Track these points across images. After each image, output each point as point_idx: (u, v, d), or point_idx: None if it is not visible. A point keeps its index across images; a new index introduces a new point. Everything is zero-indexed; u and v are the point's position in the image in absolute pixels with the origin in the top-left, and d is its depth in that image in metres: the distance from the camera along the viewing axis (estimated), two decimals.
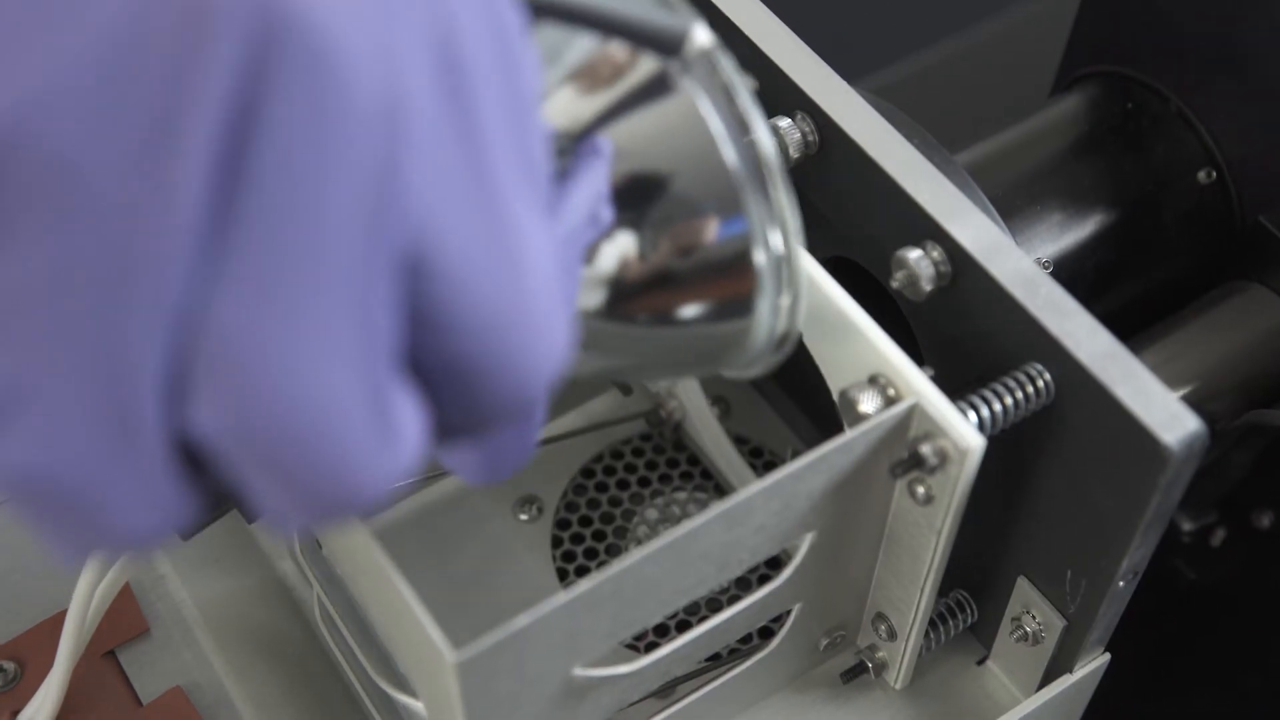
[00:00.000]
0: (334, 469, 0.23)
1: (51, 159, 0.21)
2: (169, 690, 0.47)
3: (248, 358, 0.22)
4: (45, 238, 0.21)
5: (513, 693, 0.36)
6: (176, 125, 0.21)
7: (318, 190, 0.22)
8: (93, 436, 0.22)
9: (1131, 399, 0.37)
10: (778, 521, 0.38)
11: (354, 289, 0.23)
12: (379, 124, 0.22)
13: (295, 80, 0.21)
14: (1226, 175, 0.56)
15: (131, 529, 0.24)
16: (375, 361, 0.23)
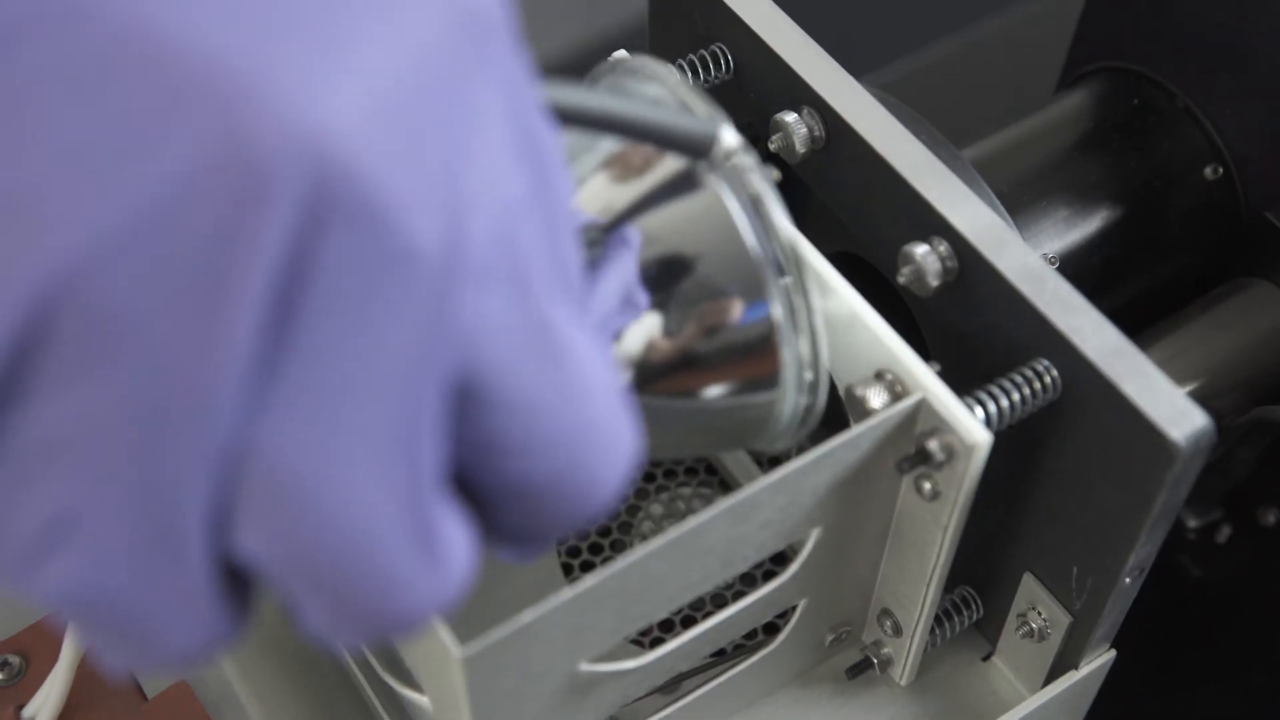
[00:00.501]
0: (380, 594, 0.24)
1: (105, 309, 0.21)
2: (174, 685, 0.48)
3: (293, 488, 0.23)
4: (98, 380, 0.22)
5: (518, 688, 0.36)
6: (229, 276, 0.21)
7: (366, 333, 0.22)
8: (139, 562, 0.23)
9: (1139, 395, 0.37)
10: (783, 517, 0.38)
11: (400, 422, 0.23)
12: (428, 271, 0.23)
13: (347, 232, 0.22)
14: (1233, 171, 0.56)
15: (178, 648, 0.24)
16: (419, 490, 0.24)
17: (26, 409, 0.22)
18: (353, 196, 0.22)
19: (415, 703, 0.43)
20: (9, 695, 0.47)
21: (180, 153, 0.21)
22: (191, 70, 0.21)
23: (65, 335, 0.22)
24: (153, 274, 0.21)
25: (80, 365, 0.22)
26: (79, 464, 0.22)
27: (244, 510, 0.23)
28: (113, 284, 0.21)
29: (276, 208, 0.21)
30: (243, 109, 0.21)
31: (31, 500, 0.23)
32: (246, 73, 0.21)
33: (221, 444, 0.23)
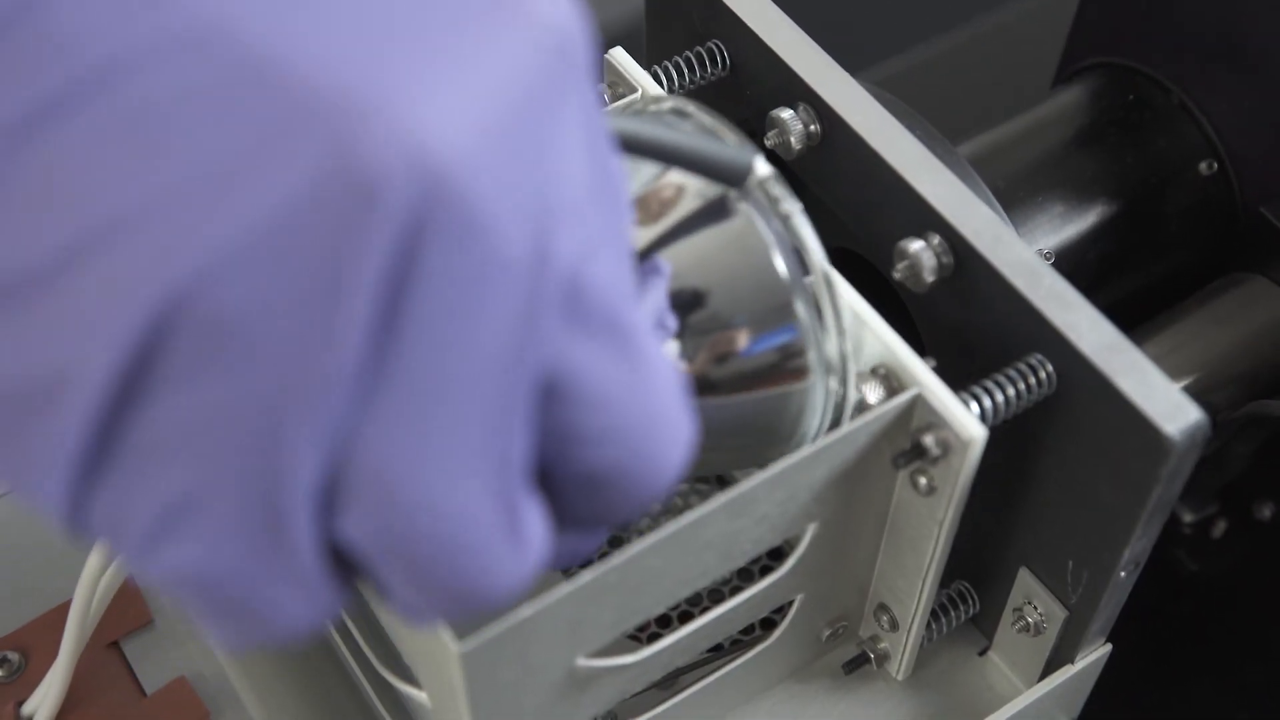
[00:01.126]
0: (470, 577, 0.26)
1: (227, 315, 0.23)
2: (173, 681, 0.48)
3: (394, 479, 0.25)
4: (217, 380, 0.23)
5: (516, 683, 0.37)
6: (341, 284, 0.23)
7: (463, 336, 0.24)
8: (252, 545, 0.25)
9: (1133, 390, 0.37)
10: (781, 512, 0.39)
11: (493, 418, 0.25)
12: (521, 280, 0.24)
13: (448, 243, 0.23)
14: (1228, 167, 0.56)
15: (286, 624, 0.26)
16: (509, 480, 0.26)
17: (147, 406, 0.24)
18: (454, 210, 0.23)
19: (414, 698, 0.43)
20: (8, 691, 0.47)
21: (297, 169, 0.22)
22: (308, 91, 0.23)
23: (187, 338, 0.23)
24: (272, 282, 0.23)
25: (201, 366, 0.23)
26: (197, 456, 0.24)
27: (348, 499, 0.25)
28: (234, 291, 0.23)
29: (386, 220, 0.23)
30: (356, 127, 0.22)
31: (150, 490, 0.24)
32: (359, 93, 0.23)
33: (329, 437, 0.24)
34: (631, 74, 0.44)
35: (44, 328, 0.23)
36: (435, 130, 0.23)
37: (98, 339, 0.23)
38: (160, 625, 0.49)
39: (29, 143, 0.23)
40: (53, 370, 0.23)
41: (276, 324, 0.23)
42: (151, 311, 0.23)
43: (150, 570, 0.25)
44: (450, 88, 0.23)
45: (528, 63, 0.24)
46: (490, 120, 0.24)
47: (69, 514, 0.25)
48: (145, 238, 0.23)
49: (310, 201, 0.23)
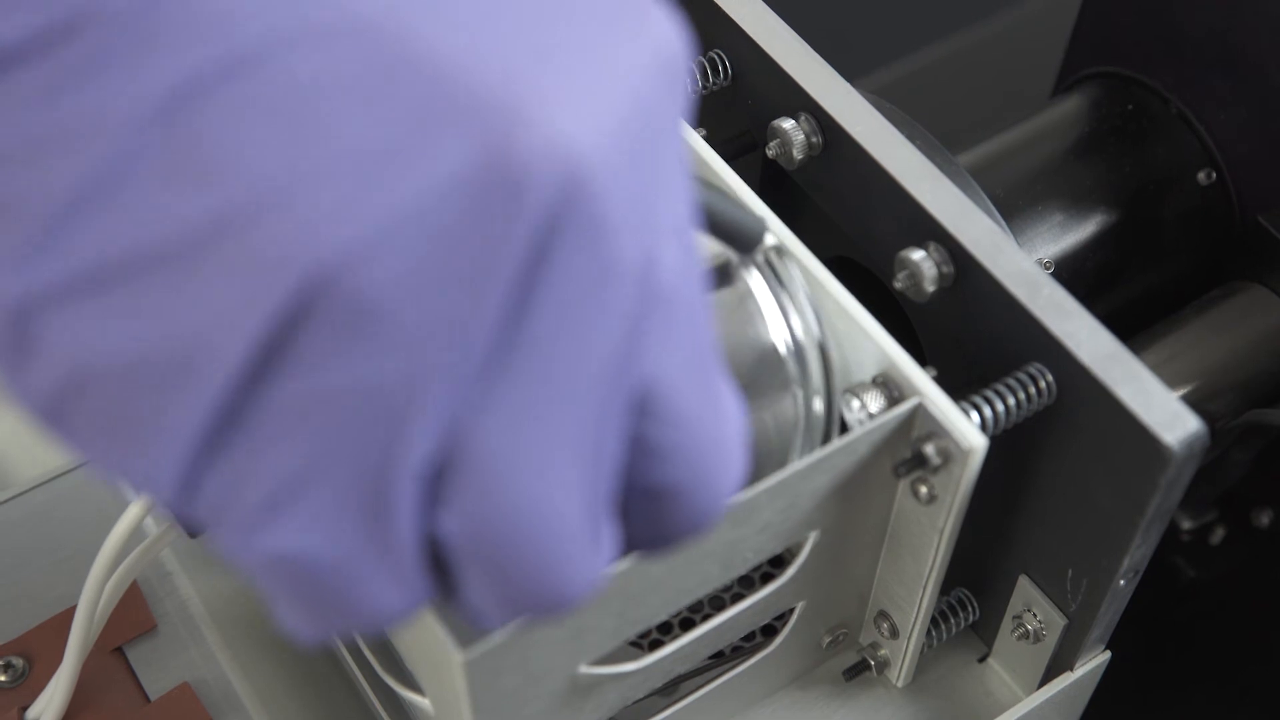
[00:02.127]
0: (550, 579, 0.26)
1: (366, 297, 0.23)
2: (176, 686, 0.48)
3: (499, 472, 0.25)
4: (349, 360, 0.23)
5: (519, 690, 0.37)
6: (481, 275, 0.23)
7: (581, 339, 0.25)
8: (358, 529, 0.25)
9: (1133, 399, 0.37)
10: (782, 520, 0.39)
11: (595, 422, 0.26)
12: (635, 288, 0.25)
13: (580, 243, 0.24)
14: (1226, 176, 0.56)
15: (379, 610, 0.26)
16: (600, 487, 0.26)
17: (277, 383, 0.24)
18: (588, 212, 0.24)
19: (416, 705, 0.43)
20: (12, 697, 0.47)
21: (449, 158, 0.23)
22: (462, 84, 0.23)
23: (327, 315, 0.23)
24: (415, 266, 0.23)
25: (334, 344, 0.23)
26: (316, 436, 0.24)
27: (449, 489, 0.25)
28: (378, 272, 0.23)
29: (529, 214, 0.23)
30: (507, 123, 0.23)
31: (266, 466, 0.24)
32: (510, 91, 0.23)
33: (445, 426, 0.24)
34: None
35: (185, 300, 0.23)
36: (578, 133, 0.23)
37: (242, 312, 0.23)
38: (164, 631, 0.49)
39: (179, 115, 0.23)
40: (190, 342, 0.23)
41: (416, 307, 0.23)
42: (297, 287, 0.23)
43: (251, 551, 0.25)
44: (590, 94, 0.24)
45: (652, 78, 0.25)
46: (620, 130, 0.24)
47: (178, 491, 0.25)
48: (294, 214, 0.23)
49: (459, 190, 0.23)
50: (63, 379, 0.24)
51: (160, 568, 0.51)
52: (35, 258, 0.23)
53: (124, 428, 0.24)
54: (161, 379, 0.23)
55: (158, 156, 0.23)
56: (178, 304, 0.23)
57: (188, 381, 0.23)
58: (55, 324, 0.23)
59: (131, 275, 0.23)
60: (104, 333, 0.23)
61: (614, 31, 0.25)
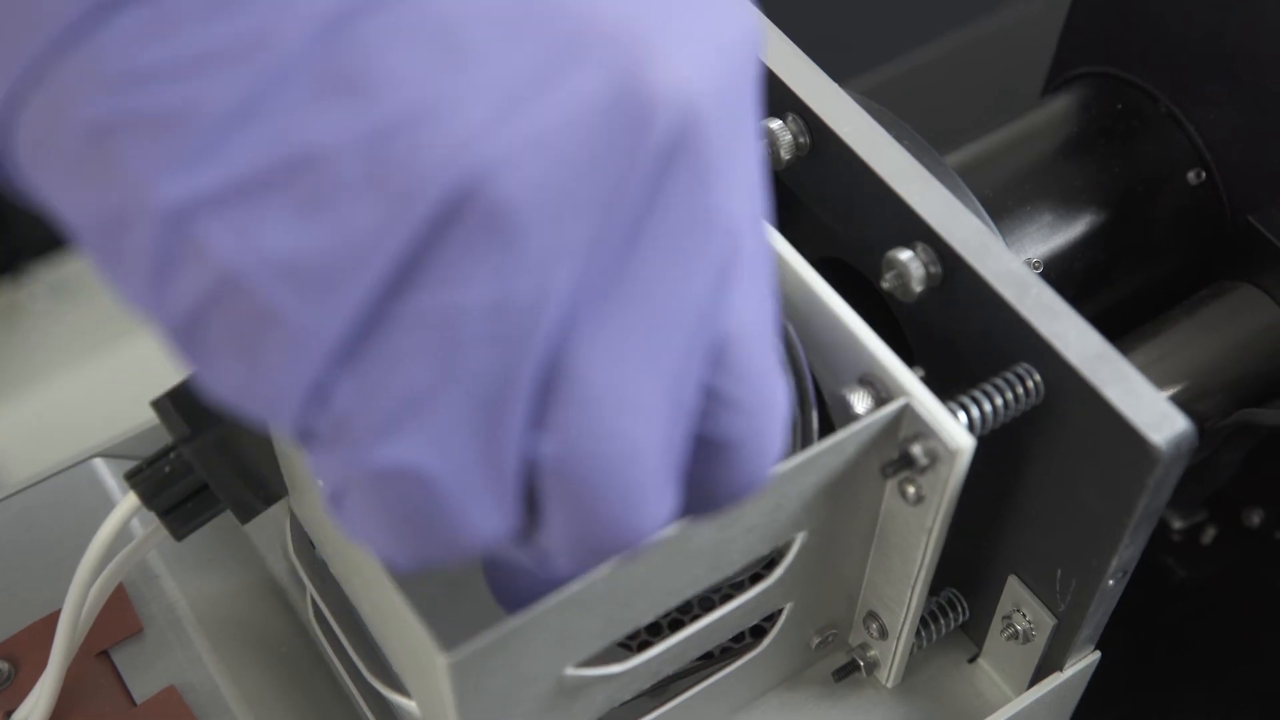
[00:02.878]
0: (629, 513, 0.27)
1: (509, 208, 0.24)
2: (163, 690, 0.48)
3: (599, 401, 0.26)
4: (484, 271, 0.25)
5: (505, 692, 0.37)
6: (608, 198, 0.25)
7: (682, 276, 0.26)
8: (473, 444, 0.26)
9: (1120, 399, 0.37)
10: (769, 521, 0.39)
11: (682, 366, 0.27)
12: (726, 234, 0.27)
13: (691, 180, 0.26)
14: (1216, 176, 0.56)
15: (479, 533, 0.27)
16: (680, 424, 0.27)
17: (417, 292, 0.25)
18: (700, 151, 0.26)
19: (403, 707, 0.43)
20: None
21: (584, 86, 0.25)
22: (596, 23, 0.25)
23: (468, 226, 0.24)
24: (550, 183, 0.25)
25: (475, 256, 0.25)
26: (446, 349, 0.25)
27: (549, 411, 0.26)
28: (515, 187, 0.24)
29: (654, 144, 0.25)
30: (639, 56, 0.25)
31: (396, 378, 0.25)
32: (640, 33, 0.25)
33: (556, 348, 0.26)
34: None
35: (340, 206, 0.24)
36: (697, 78, 0.25)
37: (392, 219, 0.24)
38: (150, 635, 0.49)
39: (338, 35, 0.24)
40: (341, 247, 0.24)
41: (550, 224, 0.25)
42: (443, 195, 0.24)
43: (368, 464, 0.26)
44: (705, 48, 0.26)
45: (742, 50, 0.27)
46: (726, 85, 0.26)
47: (305, 403, 0.25)
48: (443, 128, 0.24)
49: (593, 115, 0.25)
50: (210, 286, 0.25)
51: (146, 570, 0.51)
52: (199, 164, 0.24)
53: (263, 335, 0.25)
54: (310, 282, 0.24)
55: (318, 72, 0.24)
56: (332, 210, 0.24)
57: (336, 286, 0.24)
58: (213, 226, 0.24)
59: (290, 181, 0.24)
60: (263, 233, 0.24)
61: (716, 6, 0.27)
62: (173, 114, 0.24)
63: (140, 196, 0.24)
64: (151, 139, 0.24)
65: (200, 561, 0.51)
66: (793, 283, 0.40)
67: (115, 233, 0.25)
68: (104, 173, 0.25)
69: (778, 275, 0.41)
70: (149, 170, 0.24)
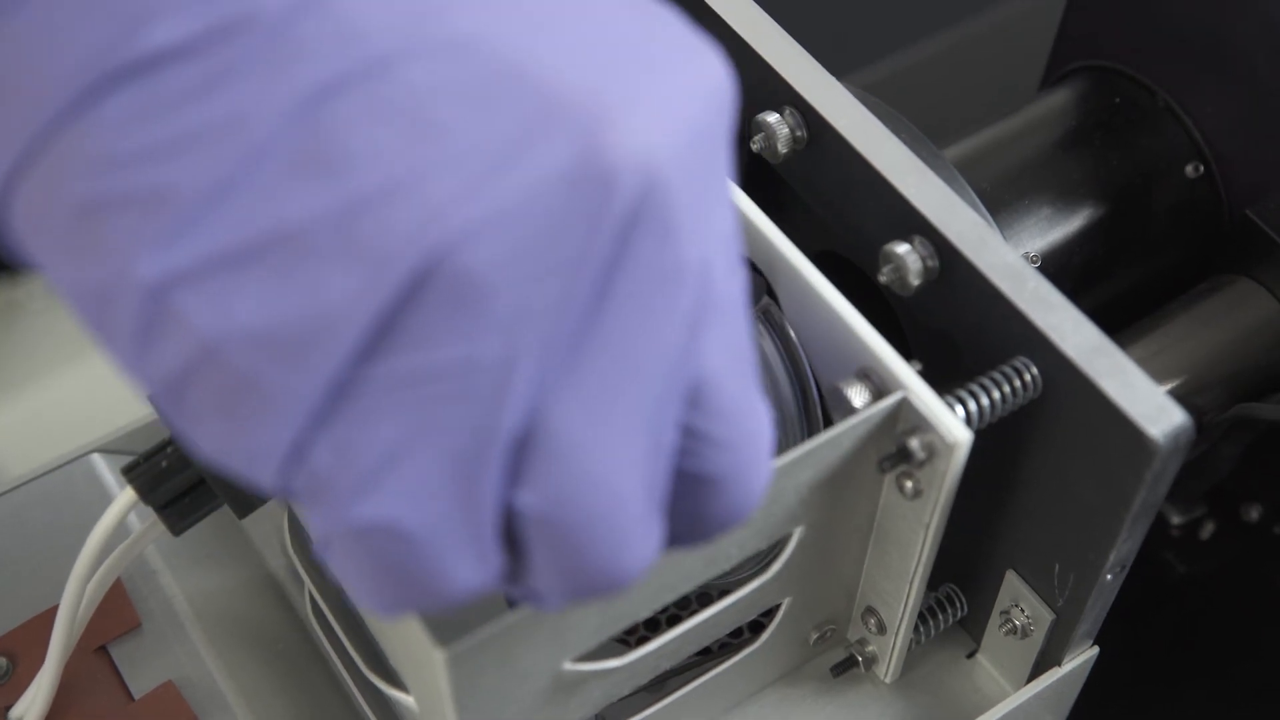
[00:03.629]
0: (615, 557, 0.28)
1: (476, 276, 0.25)
2: (161, 685, 0.48)
3: (578, 452, 0.27)
4: (455, 335, 0.26)
5: (502, 687, 0.37)
6: (574, 262, 0.26)
7: (653, 328, 0.27)
8: (449, 501, 0.27)
9: (1118, 392, 0.37)
10: (766, 515, 0.39)
11: (658, 412, 0.28)
12: (696, 284, 0.28)
13: (655, 237, 0.27)
14: (1214, 169, 0.56)
15: (459, 585, 0.28)
16: (658, 472, 0.28)
17: (389, 356, 0.26)
18: (665, 210, 0.27)
19: (401, 702, 0.43)
20: None
21: (550, 158, 0.26)
22: (560, 93, 0.26)
23: (438, 293, 0.25)
24: (520, 250, 0.26)
25: (445, 320, 0.26)
26: (419, 408, 0.26)
27: (528, 464, 0.27)
28: (485, 254, 0.25)
29: (617, 208, 0.26)
30: (599, 129, 0.26)
31: (371, 437, 0.26)
32: (601, 102, 0.26)
33: (530, 405, 0.27)
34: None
35: (315, 276, 0.25)
36: (658, 142, 0.26)
37: (365, 287, 0.25)
38: (148, 630, 0.49)
39: (315, 113, 0.25)
40: (316, 316, 0.25)
41: (517, 289, 0.26)
42: (414, 265, 0.25)
43: (348, 521, 0.27)
44: (665, 110, 0.27)
45: (708, 105, 0.28)
46: (689, 144, 0.27)
47: (285, 463, 0.26)
48: (415, 200, 0.25)
49: (558, 185, 0.26)
50: (191, 354, 0.26)
51: (144, 565, 0.51)
52: (177, 240, 0.25)
53: (242, 400, 0.26)
54: (286, 350, 0.26)
55: (293, 150, 0.25)
56: (307, 280, 0.25)
57: (311, 353, 0.26)
58: (191, 299, 0.26)
59: (267, 254, 0.25)
60: (239, 306, 0.26)
61: (679, 62, 0.28)
62: (154, 194, 0.25)
63: (123, 272, 0.26)
64: (134, 217, 0.25)
65: (198, 557, 0.51)
66: (790, 276, 0.40)
67: (102, 305, 0.26)
68: (91, 248, 0.26)
69: (777, 269, 0.41)
70: (131, 247, 0.26)
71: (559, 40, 0.27)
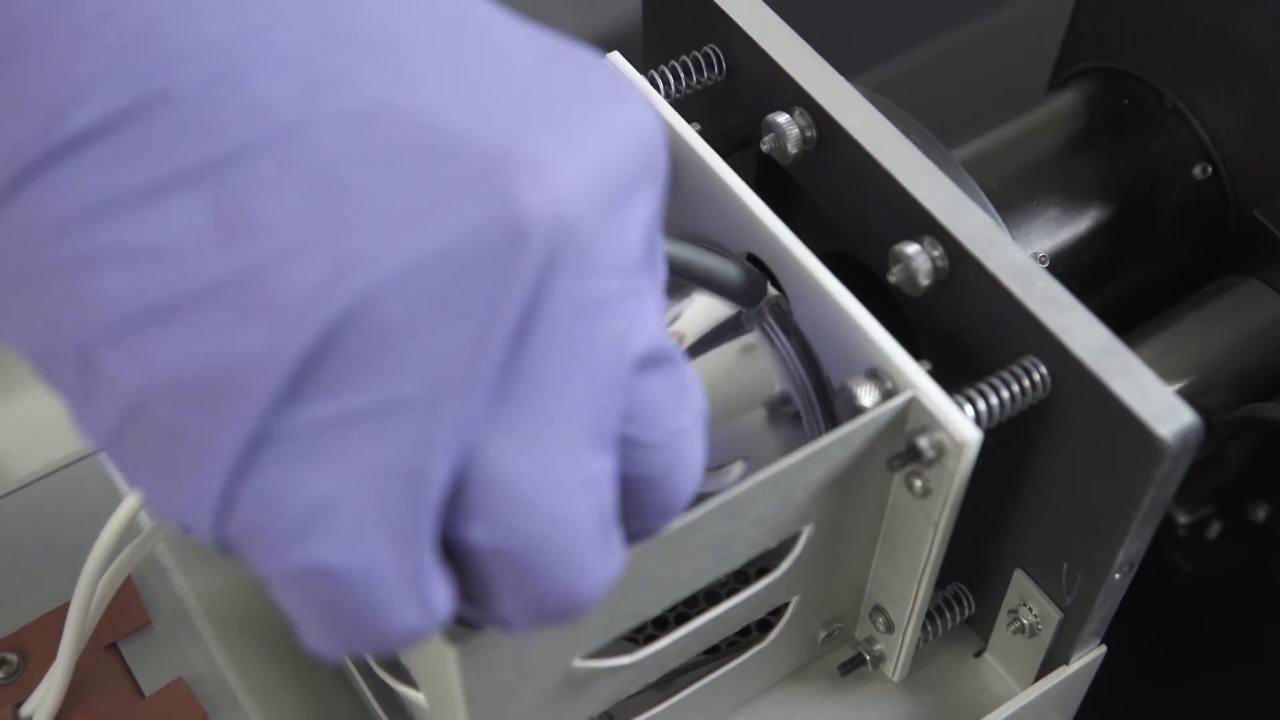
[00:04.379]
0: (575, 583, 0.29)
1: (391, 323, 0.27)
2: (171, 682, 0.48)
3: (517, 484, 0.28)
4: (375, 383, 0.27)
5: (513, 684, 0.37)
6: (489, 307, 0.27)
7: (578, 360, 0.28)
8: (386, 544, 0.27)
9: (1127, 392, 0.37)
10: (776, 514, 0.39)
11: (595, 434, 0.29)
12: (619, 308, 0.29)
13: (573, 273, 0.28)
14: (1222, 170, 0.56)
15: (402, 627, 0.28)
16: (605, 494, 0.29)
17: (308, 404, 0.27)
18: (579, 249, 0.28)
19: (412, 700, 0.43)
20: (7, 693, 0.47)
21: (463, 213, 0.27)
22: (472, 150, 0.27)
23: (353, 342, 0.27)
24: (430, 301, 0.27)
25: (362, 367, 0.27)
26: (343, 454, 0.27)
27: (470, 504, 0.28)
28: (399, 305, 0.27)
29: (530, 256, 0.27)
30: (510, 183, 0.27)
31: (298, 484, 0.27)
32: (510, 158, 0.27)
33: (460, 446, 0.27)
34: (629, 78, 0.44)
35: (232, 330, 0.27)
36: (569, 187, 0.27)
37: (281, 338, 0.26)
38: (158, 627, 0.49)
39: (228, 179, 0.27)
40: (235, 367, 0.27)
41: (432, 334, 0.27)
42: (328, 315, 0.26)
43: (282, 568, 0.27)
44: (578, 154, 0.28)
45: (633, 154, 0.29)
46: (601, 189, 0.28)
47: (217, 512, 0.27)
48: (327, 256, 0.26)
49: (473, 239, 0.27)
50: (120, 409, 0.27)
51: (155, 563, 0.51)
52: (103, 303, 0.27)
53: (170, 454, 0.27)
54: (206, 401, 0.27)
55: (208, 214, 0.27)
56: (223, 334, 0.27)
57: (231, 402, 0.27)
58: (115, 356, 0.27)
59: (184, 312, 0.27)
60: (158, 360, 0.27)
61: (590, 109, 0.29)
62: (79, 262, 0.27)
63: (57, 335, 0.28)
64: (65, 284, 0.27)
65: (208, 554, 0.51)
66: (800, 276, 0.40)
67: (48, 365, 0.28)
68: (33, 315, 0.28)
69: (787, 269, 0.41)
70: (63, 311, 0.27)
71: (468, 98, 0.28)
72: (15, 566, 0.50)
